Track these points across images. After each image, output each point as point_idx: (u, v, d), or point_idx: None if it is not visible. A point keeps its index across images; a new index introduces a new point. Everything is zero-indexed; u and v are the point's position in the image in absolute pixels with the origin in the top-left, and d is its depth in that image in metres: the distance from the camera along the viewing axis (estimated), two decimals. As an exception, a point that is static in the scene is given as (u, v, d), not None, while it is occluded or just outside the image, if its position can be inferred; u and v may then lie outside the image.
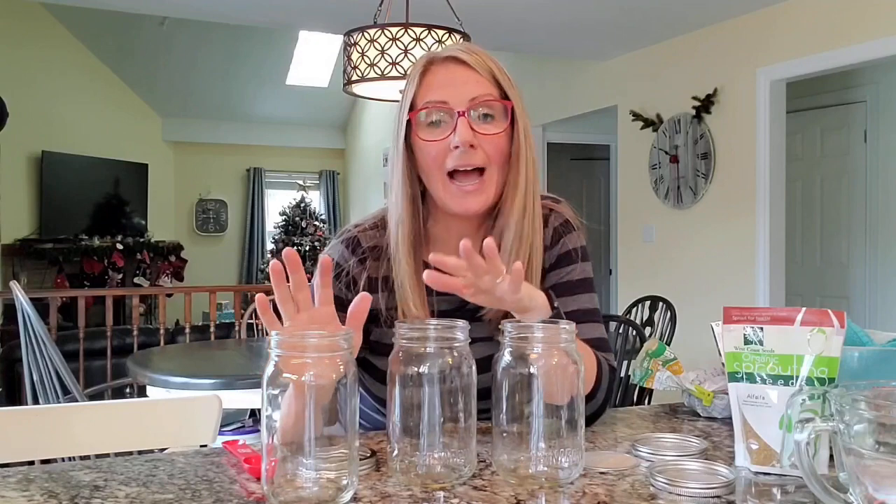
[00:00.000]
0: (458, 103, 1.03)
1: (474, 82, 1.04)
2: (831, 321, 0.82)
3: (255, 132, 9.29)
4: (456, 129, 1.02)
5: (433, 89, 1.05)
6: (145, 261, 7.81)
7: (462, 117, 1.02)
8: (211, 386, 2.45)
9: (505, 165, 1.06)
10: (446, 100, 1.04)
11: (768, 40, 4.13)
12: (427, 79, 1.06)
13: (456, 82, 1.04)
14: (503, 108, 1.05)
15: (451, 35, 2.71)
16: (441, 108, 1.04)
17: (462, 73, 1.05)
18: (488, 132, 1.04)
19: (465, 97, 1.03)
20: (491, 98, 1.04)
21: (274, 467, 0.74)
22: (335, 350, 0.75)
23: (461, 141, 1.02)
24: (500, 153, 1.05)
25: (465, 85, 1.04)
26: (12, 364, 3.99)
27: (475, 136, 1.03)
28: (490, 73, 1.05)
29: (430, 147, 1.04)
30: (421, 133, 1.05)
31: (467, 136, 1.02)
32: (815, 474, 0.68)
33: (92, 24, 7.14)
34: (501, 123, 1.05)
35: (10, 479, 0.83)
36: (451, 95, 1.04)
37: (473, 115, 1.03)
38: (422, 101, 1.05)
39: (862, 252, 5.00)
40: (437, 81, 1.05)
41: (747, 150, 4.26)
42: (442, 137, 1.04)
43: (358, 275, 1.10)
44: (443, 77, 1.05)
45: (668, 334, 3.77)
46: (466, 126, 1.02)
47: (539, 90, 5.88)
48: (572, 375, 0.81)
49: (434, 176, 1.06)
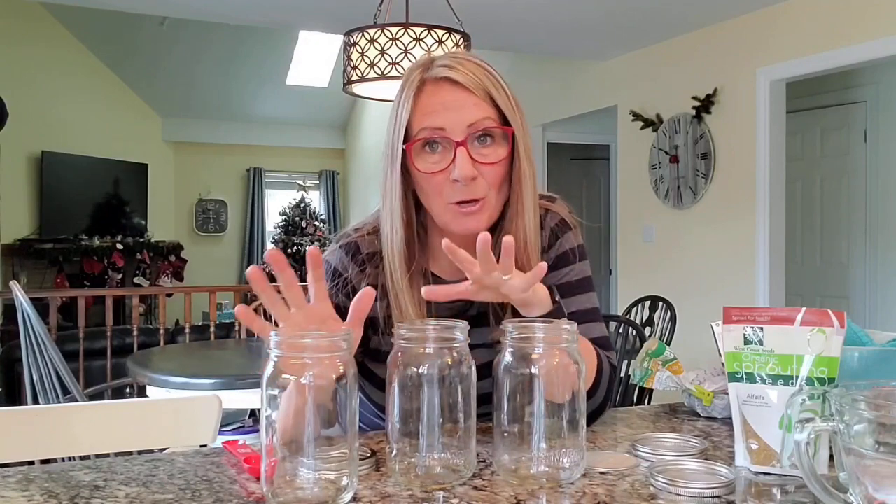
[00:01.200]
0: (456, 130, 1.00)
1: (471, 105, 1.00)
2: (831, 321, 0.82)
3: (255, 132, 9.30)
4: (455, 162, 0.99)
5: (428, 114, 1.01)
6: (145, 261, 7.81)
7: (461, 148, 0.99)
8: (211, 386, 2.46)
9: (505, 186, 1.04)
10: (443, 126, 1.00)
11: (768, 40, 4.13)
12: (421, 101, 1.02)
13: (452, 106, 1.00)
14: (503, 132, 1.02)
15: (451, 35, 2.71)
16: (437, 137, 1.01)
17: (458, 97, 1.00)
18: (489, 160, 1.01)
19: (463, 123, 1.00)
20: (490, 124, 1.01)
21: (274, 467, 0.74)
22: (335, 350, 0.75)
23: (461, 176, 0.99)
24: (500, 178, 1.03)
25: (461, 109, 1.00)
26: (12, 364, 3.99)
27: (475, 165, 1.00)
28: (486, 92, 1.01)
29: (428, 179, 1.02)
30: (418, 163, 1.02)
31: (468, 172, 0.99)
32: (815, 474, 0.68)
33: (92, 24, 7.14)
34: (501, 147, 1.02)
35: (10, 479, 0.83)
36: (447, 121, 1.00)
37: (471, 141, 1.00)
38: (417, 127, 1.01)
39: (862, 252, 5.00)
40: (431, 105, 1.01)
41: (747, 150, 4.26)
42: (440, 169, 1.00)
43: (358, 283, 1.08)
44: (437, 101, 1.01)
45: (668, 334, 3.77)
46: (466, 159, 0.99)
47: (539, 90, 5.88)
48: (574, 375, 0.81)
49: (434, 202, 1.04)
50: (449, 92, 1.01)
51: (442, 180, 1.01)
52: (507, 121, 1.02)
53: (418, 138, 1.01)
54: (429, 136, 1.01)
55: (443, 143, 1.01)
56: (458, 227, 1.03)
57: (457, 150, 0.99)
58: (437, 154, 1.01)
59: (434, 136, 1.01)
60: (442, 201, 1.02)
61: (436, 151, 1.02)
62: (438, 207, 1.04)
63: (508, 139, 1.02)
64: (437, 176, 1.01)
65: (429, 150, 1.02)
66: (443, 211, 1.03)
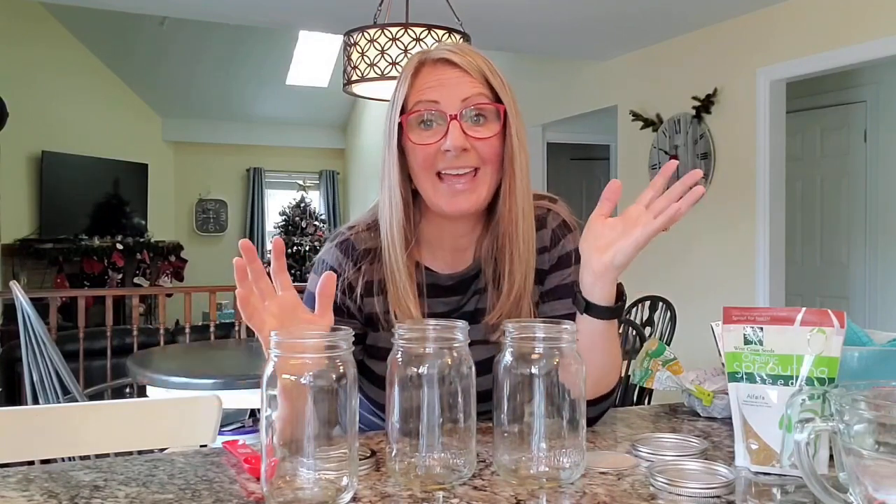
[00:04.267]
0: (450, 105, 1.02)
1: (466, 83, 1.03)
2: (831, 321, 0.82)
3: (255, 132, 9.29)
4: (448, 133, 1.01)
5: (424, 90, 1.04)
6: (145, 261, 7.81)
7: (454, 121, 1.01)
8: (211, 386, 2.45)
9: (499, 167, 1.06)
10: (438, 100, 1.03)
11: (768, 40, 4.12)
12: (418, 80, 1.05)
13: (447, 83, 1.03)
14: (495, 110, 1.04)
15: (451, 35, 2.71)
16: (432, 109, 1.03)
17: (453, 75, 1.04)
18: (481, 135, 1.03)
19: (457, 98, 1.02)
20: (483, 100, 1.03)
21: (273, 467, 0.74)
22: (334, 350, 0.75)
23: (453, 146, 1.01)
24: (493, 155, 1.04)
25: (456, 86, 1.03)
26: (12, 364, 3.99)
27: (467, 139, 1.02)
28: (481, 74, 1.04)
29: (420, 150, 1.04)
30: (412, 135, 1.04)
31: (459, 142, 1.01)
32: (815, 474, 0.68)
33: (92, 24, 7.14)
34: (494, 126, 1.04)
35: (10, 479, 0.83)
36: (442, 96, 1.03)
37: (465, 116, 1.03)
38: (413, 103, 1.04)
39: (862, 252, 5.00)
40: (428, 83, 1.04)
41: (747, 150, 4.26)
42: (433, 141, 1.03)
43: (354, 281, 1.09)
44: (434, 78, 1.04)
45: (668, 334, 3.77)
46: (459, 130, 1.01)
47: (539, 90, 5.88)
48: (574, 376, 0.81)
49: (424, 177, 1.05)
50: (445, 71, 1.04)
51: (434, 151, 1.03)
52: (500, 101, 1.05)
53: (413, 111, 1.04)
54: (423, 109, 1.03)
55: (437, 119, 1.03)
56: (447, 207, 1.05)
57: (450, 124, 1.02)
58: (432, 130, 1.04)
59: (429, 109, 1.03)
60: (431, 176, 1.04)
61: (430, 128, 1.04)
62: (429, 185, 1.05)
63: (500, 116, 1.04)
64: (429, 147, 1.03)
65: (423, 127, 1.04)
66: (433, 189, 1.05)
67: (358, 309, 1.10)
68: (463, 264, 1.13)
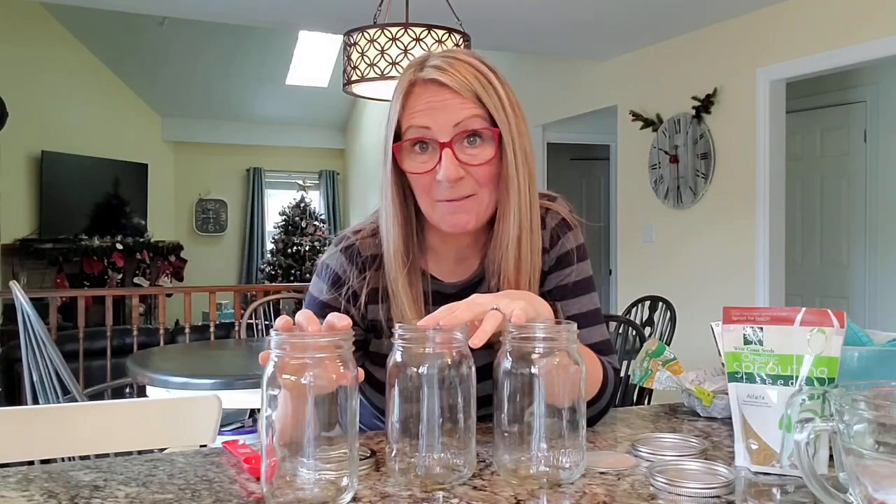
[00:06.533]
0: (441, 131, 0.99)
1: (457, 106, 0.99)
2: (831, 321, 0.82)
3: (255, 132, 9.29)
4: (441, 163, 0.99)
5: (415, 114, 1.01)
6: (145, 261, 7.81)
7: (447, 149, 0.99)
8: (211, 386, 2.45)
9: (496, 185, 1.04)
10: (429, 125, 1.00)
11: (768, 40, 4.13)
12: (410, 101, 1.02)
13: (438, 106, 1.00)
14: (490, 133, 1.02)
15: (450, 35, 2.71)
16: (425, 138, 1.01)
17: (444, 97, 1.00)
18: (476, 161, 1.01)
19: (448, 124, 0.99)
20: (476, 124, 1.00)
21: (273, 468, 0.74)
22: (335, 350, 0.75)
23: (446, 178, 0.99)
24: (490, 177, 1.02)
25: (447, 110, 0.99)
26: (12, 364, 3.99)
27: (461, 166, 1.00)
28: (473, 93, 1.00)
29: (416, 178, 1.02)
30: (406, 164, 1.02)
31: (452, 173, 0.99)
32: (814, 474, 0.68)
33: (92, 24, 7.15)
34: (489, 146, 1.01)
35: (9, 479, 0.83)
36: (433, 121, 0.99)
37: (458, 142, 1.00)
38: (405, 127, 1.02)
39: (862, 252, 5.00)
40: (418, 105, 1.01)
41: (747, 150, 4.26)
42: (427, 169, 1.01)
43: (359, 289, 1.09)
44: (424, 101, 1.01)
45: (668, 334, 3.77)
46: (451, 160, 0.99)
47: (539, 90, 5.88)
48: (574, 376, 0.81)
49: (421, 199, 1.04)
50: (435, 93, 1.01)
51: (429, 180, 1.02)
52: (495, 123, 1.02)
53: (406, 138, 1.02)
54: (416, 137, 1.01)
55: (430, 143, 1.01)
56: (447, 226, 1.04)
57: (442, 152, 0.99)
58: (426, 154, 1.02)
59: (421, 136, 1.01)
60: (430, 200, 1.03)
61: (425, 152, 1.02)
62: (427, 206, 1.04)
63: (495, 140, 1.02)
64: (424, 176, 1.02)
65: (418, 149, 1.02)
66: (431, 209, 1.04)
67: (361, 316, 1.10)
68: (467, 272, 1.12)
